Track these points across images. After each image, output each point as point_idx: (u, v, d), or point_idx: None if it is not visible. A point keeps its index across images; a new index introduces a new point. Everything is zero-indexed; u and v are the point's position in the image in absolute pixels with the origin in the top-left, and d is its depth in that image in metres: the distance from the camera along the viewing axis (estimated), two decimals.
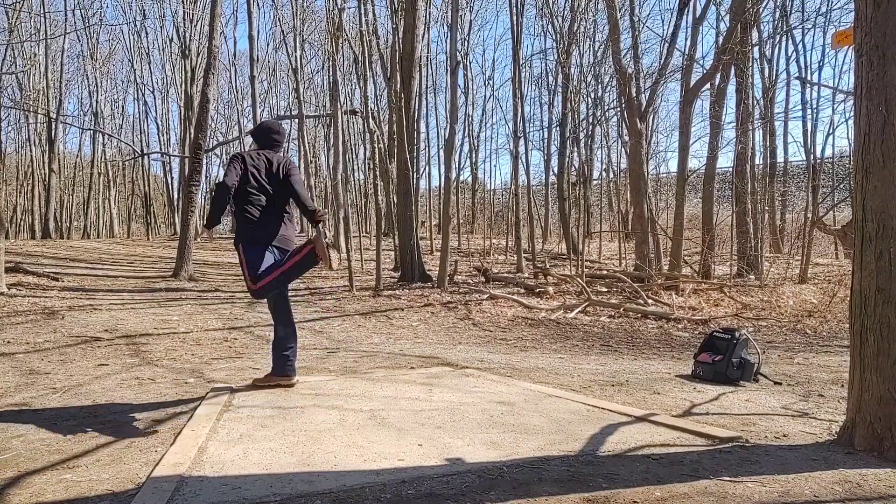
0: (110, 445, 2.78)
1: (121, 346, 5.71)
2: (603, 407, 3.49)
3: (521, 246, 15.02)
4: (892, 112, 2.58)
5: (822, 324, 8.29)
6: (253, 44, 19.53)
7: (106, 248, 18.68)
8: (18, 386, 4.09)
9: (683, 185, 12.68)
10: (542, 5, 21.00)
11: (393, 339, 6.88)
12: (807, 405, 3.83)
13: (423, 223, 22.83)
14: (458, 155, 25.68)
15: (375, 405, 3.44)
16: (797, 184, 23.12)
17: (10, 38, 21.04)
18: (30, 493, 2.22)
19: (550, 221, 25.28)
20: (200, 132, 12.11)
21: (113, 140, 30.61)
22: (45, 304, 8.04)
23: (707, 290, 10.58)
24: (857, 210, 2.77)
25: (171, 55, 28.90)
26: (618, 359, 5.98)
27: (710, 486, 2.26)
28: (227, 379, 4.27)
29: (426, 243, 18.89)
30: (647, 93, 13.92)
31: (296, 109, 25.64)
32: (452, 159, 13.73)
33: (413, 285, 11.62)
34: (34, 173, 27.19)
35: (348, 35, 20.45)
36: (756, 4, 12.03)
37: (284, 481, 2.28)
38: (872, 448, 2.64)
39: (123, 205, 35.39)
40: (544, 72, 25.20)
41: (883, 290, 2.63)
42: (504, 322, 8.46)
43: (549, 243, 22.39)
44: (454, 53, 12.08)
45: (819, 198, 13.64)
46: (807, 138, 14.85)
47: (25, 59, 25.13)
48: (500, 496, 2.14)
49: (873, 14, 2.64)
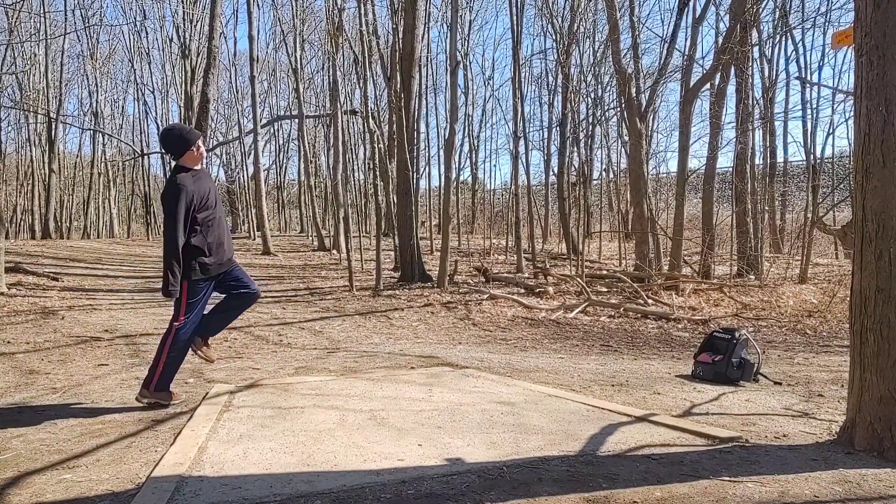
0: (110, 445, 2.78)
1: (120, 346, 5.71)
2: (603, 407, 3.49)
3: (521, 246, 15.02)
4: (892, 112, 2.58)
5: (822, 324, 8.29)
6: (253, 44, 19.51)
7: (106, 248, 18.68)
8: (18, 386, 4.09)
9: (683, 185, 12.68)
10: (542, 5, 20.98)
11: (393, 339, 6.87)
12: (807, 405, 3.83)
13: (423, 223, 22.82)
14: (458, 155, 25.68)
15: (375, 405, 3.44)
16: (797, 184, 23.10)
17: (10, 38, 21.03)
18: (30, 493, 2.22)
19: (550, 221, 25.26)
20: (200, 132, 12.10)
21: (113, 140, 30.61)
22: (44, 303, 8.04)
23: (707, 290, 10.58)
24: (857, 210, 2.77)
25: (171, 55, 28.87)
26: (618, 359, 5.98)
27: (709, 486, 2.26)
28: (227, 379, 4.27)
29: (426, 243, 18.88)
30: (646, 93, 13.92)
31: (296, 109, 25.65)
32: (452, 159, 13.73)
33: (413, 285, 11.62)
34: (34, 173, 27.17)
35: (348, 35, 20.45)
36: (756, 4, 12.02)
37: (284, 481, 2.28)
38: (872, 448, 2.64)
39: (123, 205, 35.37)
40: (544, 72, 25.19)
41: (883, 290, 2.63)
42: (504, 322, 8.46)
43: (549, 243, 22.38)
44: (454, 53, 12.08)
45: (819, 198, 13.63)
46: (807, 138, 14.84)
47: (25, 59, 25.12)
48: (500, 496, 2.14)
49: (873, 14, 2.65)
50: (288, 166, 36.68)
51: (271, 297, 10.00)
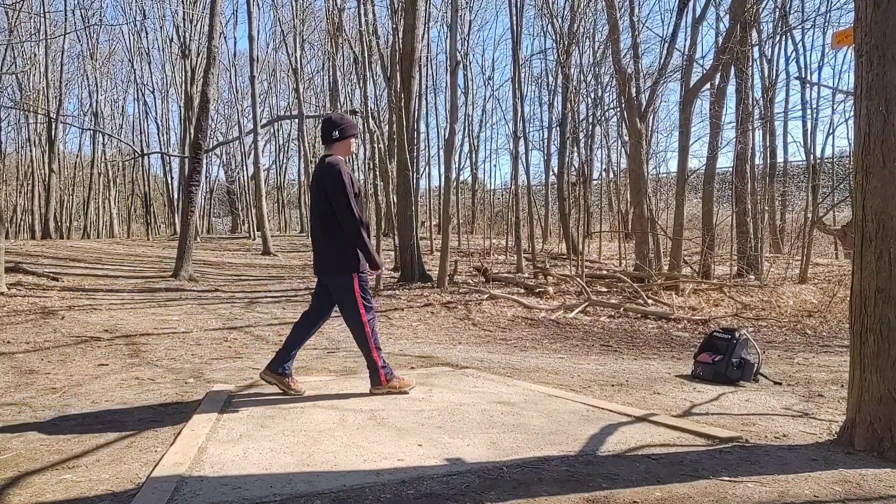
0: (110, 445, 2.78)
1: (120, 346, 5.71)
2: (603, 407, 3.49)
3: (521, 246, 15.02)
4: (892, 112, 2.58)
5: (822, 324, 8.29)
6: (253, 44, 19.53)
7: (106, 248, 18.68)
8: (18, 386, 4.09)
9: (683, 185, 12.68)
10: (542, 5, 20.99)
11: (393, 339, 6.87)
12: (807, 405, 3.83)
13: (423, 223, 22.83)
14: (458, 155, 25.68)
15: (375, 405, 3.44)
16: (797, 184, 23.11)
17: (10, 38, 21.03)
18: (30, 493, 2.22)
19: (550, 221, 25.27)
20: (200, 132, 12.10)
21: (113, 140, 30.60)
22: (44, 303, 8.04)
23: (707, 290, 10.58)
24: (857, 210, 2.77)
25: (171, 55, 28.88)
26: (618, 359, 5.98)
27: (709, 486, 2.26)
28: (227, 379, 4.27)
29: (426, 243, 18.89)
30: (646, 93, 13.92)
31: (296, 109, 25.65)
32: (452, 159, 13.72)
33: (413, 285, 11.62)
34: (34, 173, 27.17)
35: (348, 35, 20.46)
36: (756, 4, 12.02)
37: (284, 481, 2.28)
38: (872, 448, 2.64)
39: (123, 205, 35.37)
40: (544, 72, 25.20)
41: (883, 290, 2.63)
42: (504, 322, 8.46)
43: (549, 243, 22.38)
44: (454, 53, 12.08)
45: (819, 198, 13.64)
46: (807, 138, 14.85)
47: (25, 59, 25.12)
48: (500, 496, 2.14)
49: (873, 14, 2.64)
50: (288, 166, 36.72)
51: (271, 297, 10.00)
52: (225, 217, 40.69)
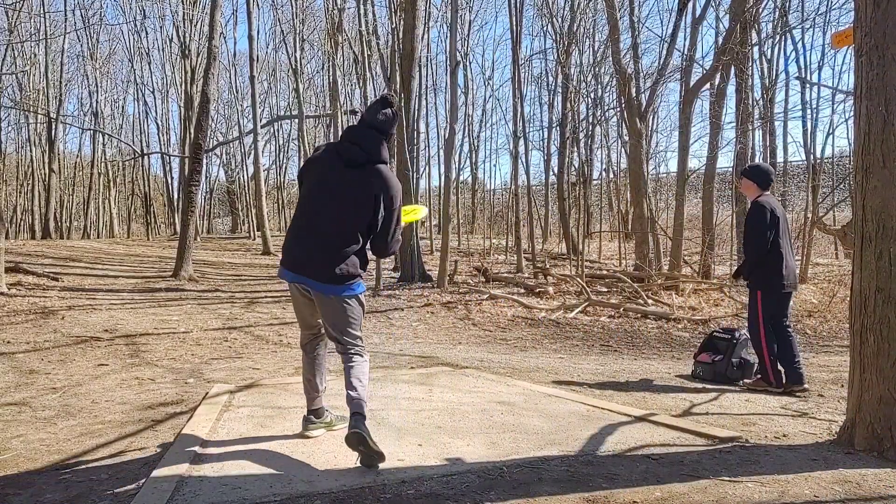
0: (110, 445, 2.78)
1: (120, 346, 5.71)
2: (603, 407, 3.49)
3: (521, 246, 15.02)
4: (892, 112, 2.58)
5: (822, 324, 8.29)
6: (253, 44, 19.52)
7: (106, 248, 18.67)
8: (18, 386, 4.09)
9: (683, 185, 12.67)
10: (542, 5, 21.00)
11: (392, 339, 6.87)
12: (807, 405, 3.83)
13: (423, 223, 22.82)
14: (458, 155, 25.68)
15: (375, 405, 3.44)
16: (797, 184, 23.11)
17: (10, 38, 21.04)
18: (30, 493, 2.22)
19: (550, 221, 25.25)
20: (200, 132, 12.10)
21: (113, 140, 30.58)
22: (44, 303, 8.03)
23: (707, 290, 10.57)
24: (857, 210, 2.77)
25: (171, 55, 28.88)
26: (618, 359, 5.98)
27: (709, 486, 2.26)
28: (227, 379, 4.27)
29: (426, 243, 18.88)
30: (646, 93, 13.91)
31: (296, 109, 25.65)
32: (452, 159, 13.72)
33: (413, 285, 11.61)
34: (34, 173, 27.17)
35: (348, 35, 20.45)
36: (756, 4, 12.02)
37: (284, 481, 2.28)
38: (872, 448, 2.64)
39: (123, 205, 35.37)
40: (544, 72, 25.18)
41: (883, 290, 2.63)
42: (504, 322, 8.46)
43: (549, 243, 22.37)
44: (454, 53, 12.08)
45: (819, 198, 13.63)
46: (807, 138, 14.82)
47: (25, 59, 25.12)
48: (500, 496, 2.14)
49: (873, 14, 2.65)
50: (288, 166, 36.63)
51: (271, 297, 10.00)
52: (225, 217, 40.67)
